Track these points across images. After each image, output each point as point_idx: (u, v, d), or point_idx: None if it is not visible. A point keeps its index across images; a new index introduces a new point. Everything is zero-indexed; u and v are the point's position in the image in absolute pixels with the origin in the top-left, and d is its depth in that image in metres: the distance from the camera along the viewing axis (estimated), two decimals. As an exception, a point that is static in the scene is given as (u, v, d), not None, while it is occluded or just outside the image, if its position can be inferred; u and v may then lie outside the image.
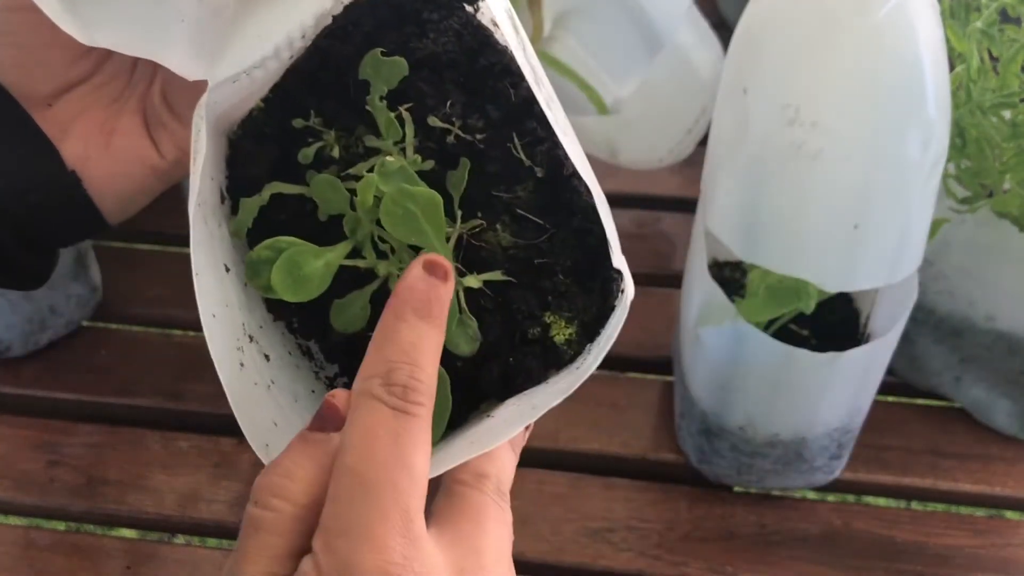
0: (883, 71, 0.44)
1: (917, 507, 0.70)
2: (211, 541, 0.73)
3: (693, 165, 0.75)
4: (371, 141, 0.39)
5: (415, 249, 0.37)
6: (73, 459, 0.66)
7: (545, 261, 0.38)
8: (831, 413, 0.57)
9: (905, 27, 0.43)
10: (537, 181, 0.38)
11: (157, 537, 0.65)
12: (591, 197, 0.37)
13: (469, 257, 0.38)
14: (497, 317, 0.38)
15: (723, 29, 0.75)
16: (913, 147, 0.45)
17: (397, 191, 0.35)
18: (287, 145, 0.40)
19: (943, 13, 0.49)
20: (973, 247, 0.60)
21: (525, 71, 0.37)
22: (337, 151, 0.39)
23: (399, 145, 0.38)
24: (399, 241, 0.37)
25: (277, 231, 0.38)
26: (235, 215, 0.40)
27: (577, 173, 0.38)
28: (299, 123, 0.39)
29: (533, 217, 0.38)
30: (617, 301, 0.37)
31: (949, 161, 0.54)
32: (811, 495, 0.64)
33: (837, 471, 0.63)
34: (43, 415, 0.69)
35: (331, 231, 0.38)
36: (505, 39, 0.38)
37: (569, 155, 0.37)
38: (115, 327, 0.75)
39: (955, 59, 0.53)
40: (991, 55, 0.53)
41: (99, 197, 0.41)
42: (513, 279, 0.38)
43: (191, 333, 0.76)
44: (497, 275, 0.38)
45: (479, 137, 0.38)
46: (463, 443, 0.35)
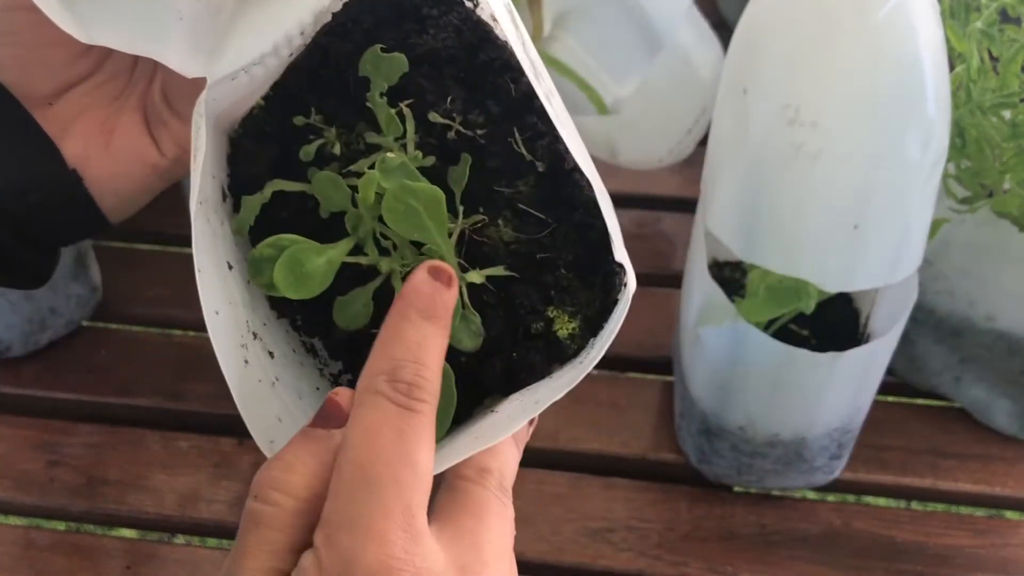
0: (883, 71, 0.44)
1: (917, 507, 0.70)
2: (211, 541, 0.73)
3: (693, 165, 0.75)
4: (372, 138, 0.39)
5: (417, 245, 0.37)
6: (73, 459, 0.66)
7: (547, 256, 0.38)
8: (831, 413, 0.57)
9: (905, 27, 0.43)
10: (538, 176, 0.38)
11: (157, 537, 0.65)
12: (592, 191, 0.37)
13: (471, 252, 0.38)
14: (500, 312, 0.38)
15: (723, 29, 0.75)
16: (913, 147, 0.45)
17: (399, 187, 0.35)
18: (288, 143, 0.40)
19: (943, 13, 0.49)
20: (973, 247, 0.60)
21: (525, 66, 0.37)
22: (338, 148, 0.39)
23: (400, 141, 0.38)
24: (401, 238, 0.37)
25: (279, 228, 0.38)
26: (237, 213, 0.40)
27: (578, 167, 0.38)
28: (300, 120, 0.39)
29: (535, 212, 0.38)
30: (620, 295, 0.37)
31: (949, 161, 0.54)
32: (811, 495, 0.64)
33: (837, 471, 0.63)
34: (43, 415, 0.69)
35: (333, 228, 0.38)
36: (504, 34, 0.38)
37: (570, 149, 0.37)
38: (115, 327, 0.74)
39: (955, 59, 0.53)
40: (991, 55, 0.53)
41: (100, 196, 0.41)
42: (515, 274, 0.38)
43: (191, 333, 0.76)
44: (499, 270, 0.38)
45: (480, 132, 0.38)
46: (467, 438, 0.35)
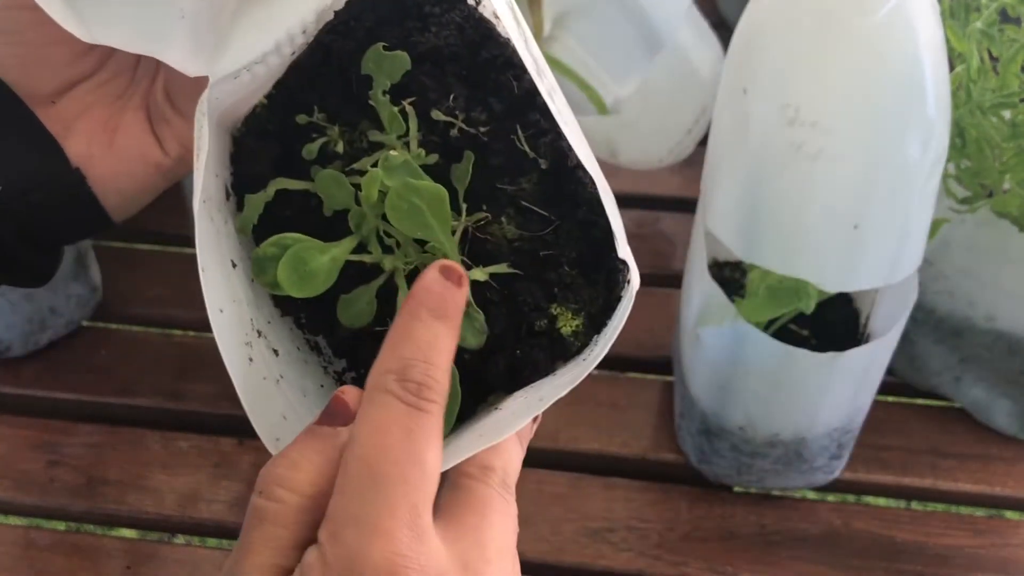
0: (883, 71, 0.44)
1: (917, 507, 0.70)
2: (211, 541, 0.73)
3: (693, 165, 0.74)
4: (375, 136, 0.39)
5: (421, 243, 0.37)
6: (73, 459, 0.66)
7: (550, 253, 0.38)
8: (831, 413, 0.57)
9: (905, 27, 0.43)
10: (541, 173, 0.38)
11: (157, 537, 0.65)
12: (595, 188, 0.37)
13: (475, 250, 0.38)
14: (503, 310, 0.38)
15: (723, 29, 0.75)
16: (913, 147, 0.45)
17: (402, 185, 0.35)
18: (291, 141, 0.40)
19: (943, 13, 0.49)
20: (973, 247, 0.60)
21: (527, 62, 0.37)
22: (341, 146, 0.39)
23: (403, 139, 0.38)
24: (404, 236, 0.37)
25: (282, 227, 0.38)
26: (240, 211, 0.40)
27: (581, 164, 0.37)
28: (303, 119, 0.39)
29: (538, 209, 0.38)
30: (623, 292, 0.37)
31: (949, 161, 0.54)
32: (811, 495, 0.64)
33: (837, 471, 0.63)
34: (43, 415, 0.69)
35: (336, 226, 0.38)
36: (507, 31, 0.38)
37: (573, 146, 0.37)
38: (115, 327, 0.74)
39: (955, 59, 0.53)
40: (991, 55, 0.53)
41: (103, 194, 0.41)
42: (519, 271, 0.38)
43: (191, 333, 0.76)
44: (503, 268, 0.38)
45: (482, 130, 0.38)
46: (471, 436, 0.35)
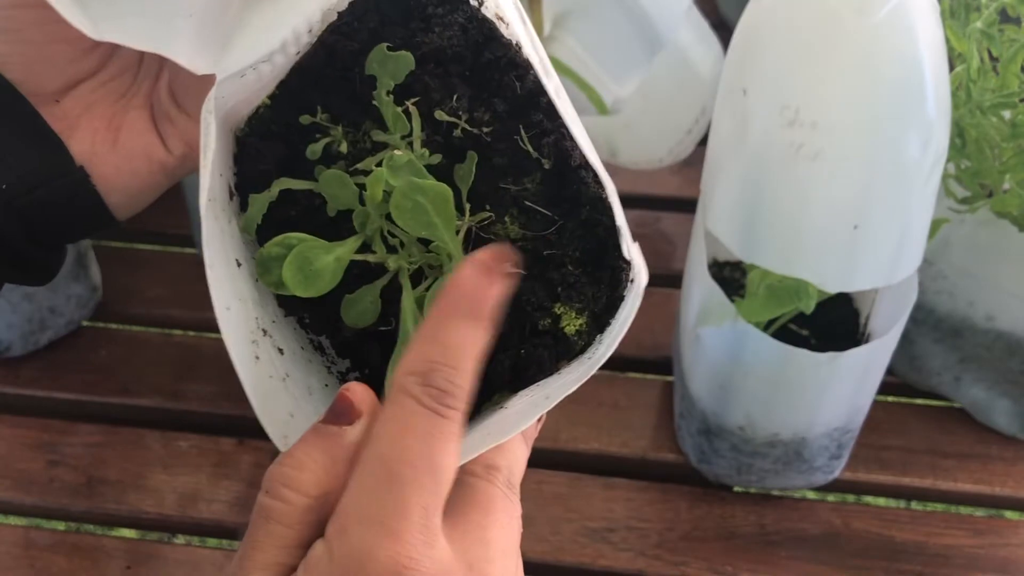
0: (883, 71, 0.44)
1: (917, 507, 0.70)
2: (211, 541, 0.73)
3: (693, 165, 0.75)
4: (378, 136, 0.39)
5: (424, 243, 0.37)
6: (73, 459, 0.66)
7: (554, 252, 0.38)
8: (831, 413, 0.57)
9: (905, 27, 0.43)
10: (544, 173, 0.38)
11: (157, 537, 0.65)
12: (599, 188, 0.38)
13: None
14: (507, 309, 0.38)
15: (723, 29, 0.75)
16: (913, 147, 0.45)
17: (407, 184, 0.35)
18: (294, 142, 0.40)
19: (943, 13, 0.49)
20: (973, 247, 0.60)
21: (533, 60, 0.37)
22: (345, 146, 0.39)
23: (406, 139, 0.38)
24: (408, 235, 0.37)
25: (286, 227, 0.38)
26: (244, 211, 0.40)
27: (585, 164, 0.38)
28: (306, 119, 0.39)
29: (541, 209, 0.38)
30: (626, 291, 0.37)
31: (949, 161, 0.54)
32: (811, 495, 0.64)
33: (837, 471, 0.63)
34: (43, 415, 0.69)
35: (340, 226, 0.38)
36: (511, 32, 0.38)
37: (580, 144, 0.37)
38: (115, 327, 0.74)
39: (955, 59, 0.53)
40: (991, 55, 0.53)
41: (107, 192, 0.41)
42: (523, 271, 0.38)
43: (191, 333, 0.76)
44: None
45: (486, 130, 0.38)
46: (478, 435, 0.35)
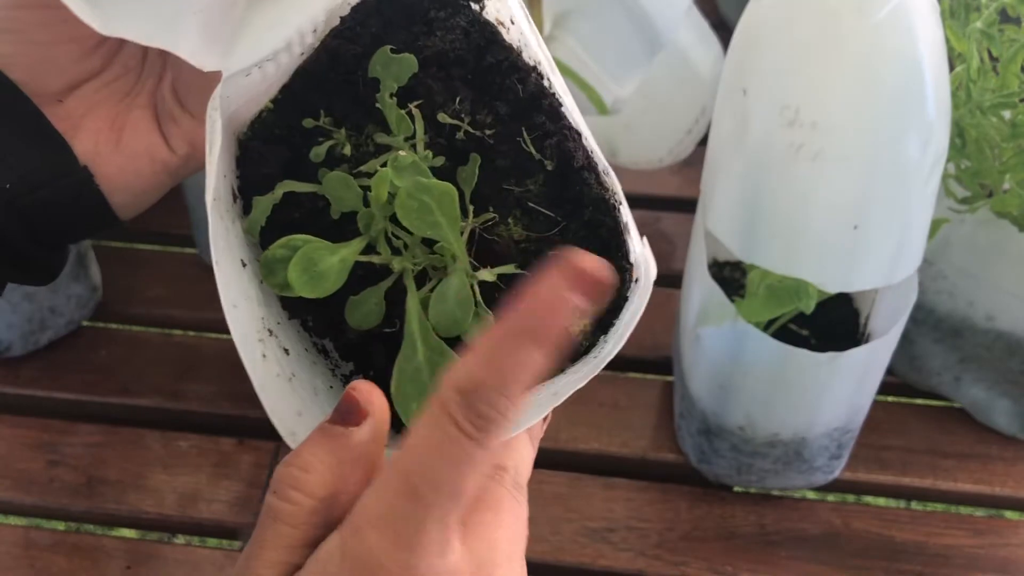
0: (883, 71, 0.44)
1: (917, 507, 0.70)
2: (211, 541, 0.73)
3: (693, 165, 0.75)
4: (381, 138, 0.39)
5: (429, 244, 0.38)
6: (73, 459, 0.66)
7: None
8: (831, 413, 0.57)
9: (905, 27, 0.43)
10: (547, 174, 0.38)
11: (157, 537, 0.65)
12: (601, 189, 0.38)
13: (482, 251, 0.38)
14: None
15: (723, 29, 0.75)
16: (913, 148, 0.45)
17: (413, 184, 0.36)
18: (297, 146, 0.40)
19: (943, 13, 0.49)
20: (973, 247, 0.60)
21: (540, 59, 0.38)
22: (348, 149, 0.39)
23: (409, 141, 0.38)
24: (412, 238, 0.38)
25: (290, 230, 0.38)
26: (247, 215, 0.40)
27: (588, 165, 0.38)
28: (309, 123, 0.40)
29: (544, 210, 0.38)
30: (630, 291, 0.38)
31: (949, 161, 0.54)
32: (811, 495, 0.64)
33: (837, 471, 0.63)
34: (43, 415, 0.69)
35: (344, 229, 0.38)
36: (516, 33, 0.39)
37: (588, 141, 0.37)
38: (115, 327, 0.74)
39: (955, 59, 0.53)
40: (991, 55, 0.53)
41: (110, 192, 0.41)
42: (527, 272, 0.38)
43: (191, 333, 0.76)
44: (510, 268, 0.38)
45: (488, 133, 0.38)
46: None
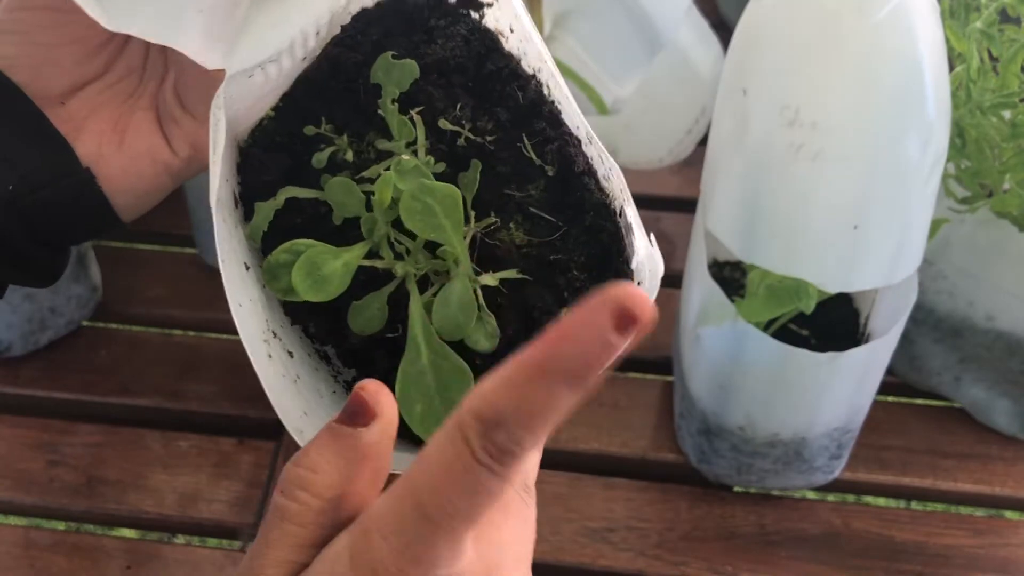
0: (883, 72, 0.44)
1: (917, 507, 0.70)
2: (211, 541, 0.73)
3: (693, 165, 0.75)
4: (383, 144, 0.39)
5: (431, 249, 0.38)
6: (73, 459, 0.66)
7: (559, 257, 0.38)
8: (831, 413, 0.57)
9: (905, 27, 0.43)
10: (548, 180, 0.39)
11: (157, 537, 0.65)
12: (602, 194, 0.38)
13: (484, 256, 0.38)
14: (515, 314, 0.38)
15: (723, 29, 0.75)
16: (913, 148, 0.45)
17: (417, 186, 0.36)
18: (298, 153, 0.40)
19: (943, 13, 0.49)
20: (973, 247, 0.60)
21: (541, 67, 0.38)
22: (350, 155, 0.39)
23: (411, 147, 0.39)
24: (415, 244, 0.38)
25: (292, 235, 0.38)
26: (248, 220, 0.40)
27: (588, 170, 0.38)
28: (310, 130, 0.40)
29: (545, 215, 0.38)
30: None
31: (949, 161, 0.54)
32: (811, 495, 0.64)
33: (837, 471, 0.63)
34: (43, 415, 0.69)
35: (346, 235, 0.39)
36: (515, 42, 0.39)
37: (588, 148, 0.37)
38: (115, 327, 0.74)
39: (955, 59, 0.53)
40: (991, 55, 0.53)
41: (113, 194, 0.41)
42: (528, 276, 0.38)
43: (191, 333, 0.76)
44: (512, 273, 0.38)
45: (489, 139, 0.39)
46: None
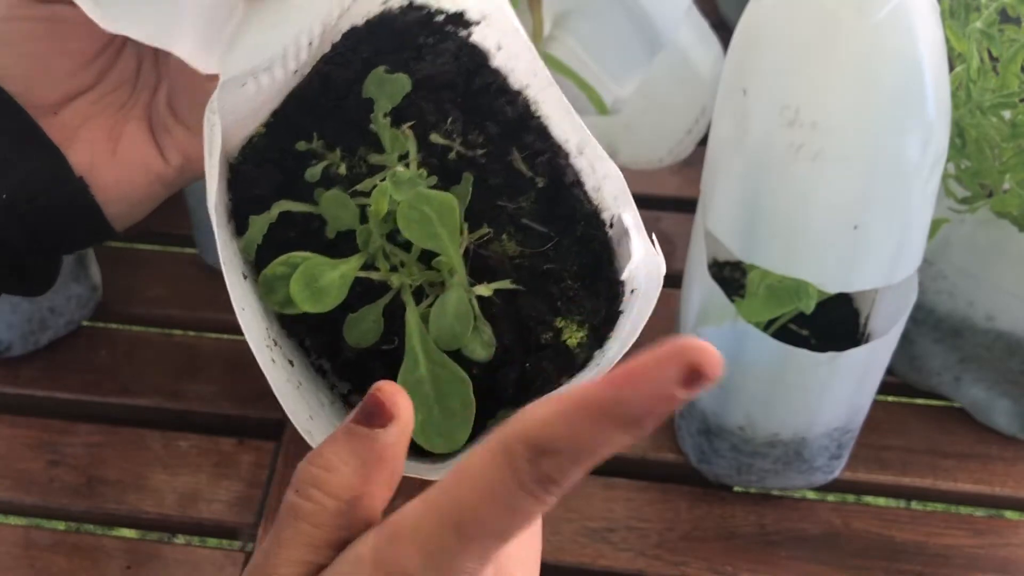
0: (883, 72, 0.44)
1: (917, 507, 0.70)
2: (211, 541, 0.72)
3: (693, 165, 0.74)
4: (375, 158, 0.39)
5: (425, 261, 0.38)
6: (73, 459, 0.66)
7: (552, 267, 0.39)
8: (831, 413, 0.57)
9: (905, 27, 0.43)
10: (539, 191, 0.39)
11: (157, 537, 0.65)
12: (592, 204, 0.38)
13: (477, 267, 0.39)
14: (508, 325, 0.38)
15: (723, 29, 0.75)
16: (913, 148, 0.45)
17: (414, 195, 0.36)
18: (290, 168, 0.40)
19: (943, 13, 0.49)
20: (973, 247, 0.60)
21: (530, 82, 0.38)
22: (343, 168, 0.40)
23: (403, 161, 0.39)
24: (409, 255, 0.38)
25: (286, 249, 0.38)
26: (240, 235, 0.40)
27: (578, 181, 0.38)
28: (303, 145, 0.40)
29: (537, 226, 0.39)
30: (623, 306, 0.38)
31: (949, 161, 0.54)
32: (811, 495, 0.64)
33: (837, 471, 0.63)
34: (43, 415, 0.69)
35: (340, 248, 0.39)
36: (503, 59, 0.39)
37: (576, 160, 0.38)
38: (115, 327, 0.74)
39: (955, 59, 0.53)
40: (991, 55, 0.53)
41: (105, 203, 0.41)
42: (522, 287, 0.38)
43: (191, 333, 0.76)
44: (506, 283, 0.38)
45: (479, 152, 0.39)
46: None
